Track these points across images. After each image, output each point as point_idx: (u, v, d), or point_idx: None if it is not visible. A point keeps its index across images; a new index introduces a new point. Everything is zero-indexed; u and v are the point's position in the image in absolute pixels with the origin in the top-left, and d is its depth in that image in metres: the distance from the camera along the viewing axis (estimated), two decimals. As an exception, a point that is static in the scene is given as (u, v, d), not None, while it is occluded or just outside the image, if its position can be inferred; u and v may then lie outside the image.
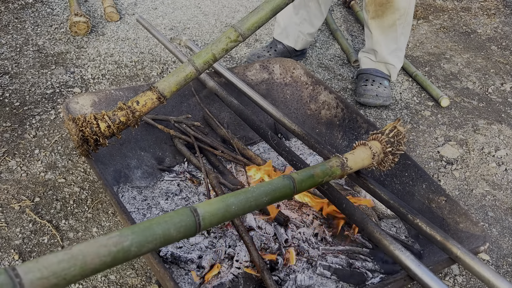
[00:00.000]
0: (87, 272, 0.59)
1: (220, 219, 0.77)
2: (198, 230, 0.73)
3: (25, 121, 1.56)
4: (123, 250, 0.63)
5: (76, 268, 0.58)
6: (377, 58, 1.89)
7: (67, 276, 0.57)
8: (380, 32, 1.81)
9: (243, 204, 0.80)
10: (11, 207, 1.25)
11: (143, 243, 0.65)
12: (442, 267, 0.96)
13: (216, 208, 0.76)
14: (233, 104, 1.38)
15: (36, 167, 1.38)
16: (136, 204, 1.23)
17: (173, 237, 0.70)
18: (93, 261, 0.60)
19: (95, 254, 0.60)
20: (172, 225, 0.70)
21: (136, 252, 0.65)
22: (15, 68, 1.83)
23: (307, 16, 1.97)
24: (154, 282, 1.10)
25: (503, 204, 1.44)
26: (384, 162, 1.06)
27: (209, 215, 0.75)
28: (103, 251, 0.61)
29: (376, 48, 1.86)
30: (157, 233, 0.67)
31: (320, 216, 1.24)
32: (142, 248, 0.65)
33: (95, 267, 0.60)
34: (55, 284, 0.56)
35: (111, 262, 0.62)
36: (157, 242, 0.67)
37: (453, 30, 2.62)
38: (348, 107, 1.48)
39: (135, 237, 0.65)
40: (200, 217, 0.73)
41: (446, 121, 1.83)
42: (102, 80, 1.83)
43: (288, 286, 1.04)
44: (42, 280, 0.55)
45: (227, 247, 1.12)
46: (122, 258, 0.63)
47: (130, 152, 1.35)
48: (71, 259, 0.58)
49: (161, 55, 2.03)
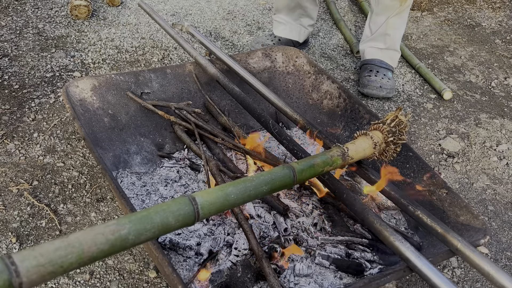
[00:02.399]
0: (84, 260, 0.58)
1: (219, 208, 0.76)
2: (196, 219, 0.72)
3: (24, 104, 1.54)
4: (120, 239, 0.62)
5: (73, 256, 0.57)
6: (386, 44, 1.86)
7: (64, 264, 0.56)
8: (398, 15, 1.79)
9: (242, 193, 0.79)
10: (9, 190, 1.24)
11: (141, 231, 0.65)
12: (442, 259, 0.96)
13: (215, 197, 0.75)
14: (234, 92, 1.36)
15: (35, 151, 1.37)
16: (135, 190, 1.23)
17: (172, 226, 0.69)
18: (90, 249, 0.59)
19: (92, 242, 0.59)
20: (170, 213, 0.69)
21: (134, 241, 0.64)
22: (15, 50, 1.80)
23: (304, 12, 1.97)
24: (152, 268, 1.09)
25: (503, 198, 1.44)
26: (386, 152, 1.05)
27: (208, 204, 0.74)
28: (101, 239, 0.60)
29: (390, 32, 1.83)
30: (155, 222, 0.66)
31: (320, 206, 1.24)
32: (140, 237, 0.65)
33: (92, 255, 0.59)
34: (51, 272, 0.55)
35: (108, 250, 0.61)
36: (155, 231, 0.66)
37: (457, 23, 2.59)
38: (350, 97, 1.47)
39: (133, 225, 0.64)
40: (199, 206, 0.72)
41: (448, 114, 1.82)
42: (102, 64, 1.81)
43: (286, 275, 1.04)
44: (39, 267, 0.54)
45: (226, 234, 1.12)
46: (119, 247, 0.62)
47: (130, 137, 1.34)
48: (67, 246, 0.57)
49: (162, 41, 2.01)
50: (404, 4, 1.77)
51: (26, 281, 0.52)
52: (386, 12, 1.81)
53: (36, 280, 0.53)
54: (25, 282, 0.52)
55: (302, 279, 1.03)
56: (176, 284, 0.80)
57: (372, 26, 1.89)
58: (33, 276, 0.53)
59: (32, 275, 0.53)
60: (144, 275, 1.08)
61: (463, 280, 1.16)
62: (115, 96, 1.36)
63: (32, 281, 0.53)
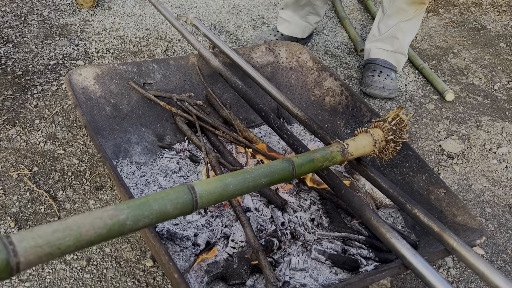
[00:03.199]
0: (82, 243, 0.59)
1: (218, 198, 0.77)
2: (194, 208, 0.73)
3: (27, 90, 1.55)
4: (118, 223, 0.62)
5: (71, 239, 0.57)
6: (394, 47, 1.85)
7: (62, 246, 0.57)
8: (410, 20, 1.78)
9: (241, 184, 0.79)
10: (9, 175, 1.24)
11: (139, 217, 0.65)
12: (438, 257, 0.96)
13: (214, 187, 0.76)
14: (237, 85, 1.36)
15: (36, 137, 1.37)
16: (134, 180, 1.23)
17: (170, 214, 0.69)
18: (88, 232, 0.59)
19: (90, 226, 0.60)
20: (168, 201, 0.69)
21: (131, 226, 0.64)
22: (19, 37, 1.81)
23: (313, 9, 1.97)
24: (149, 257, 1.10)
25: (501, 201, 1.44)
26: (386, 150, 1.05)
27: (207, 193, 0.74)
28: (99, 223, 0.61)
29: (400, 36, 1.82)
30: (153, 209, 0.67)
31: (318, 202, 1.24)
32: (138, 223, 0.65)
33: (90, 239, 0.59)
34: (49, 253, 0.55)
35: (106, 234, 0.61)
36: (153, 217, 0.67)
37: (462, 25, 2.59)
38: (352, 95, 1.47)
39: (131, 211, 0.64)
40: (198, 195, 0.72)
41: (449, 116, 1.82)
42: (106, 54, 1.81)
43: (282, 268, 1.04)
44: (36, 248, 0.54)
45: (223, 226, 1.12)
46: (117, 232, 0.62)
47: (131, 127, 1.34)
48: (65, 229, 0.58)
49: (166, 32, 2.01)
50: (420, 10, 1.76)
51: (24, 261, 0.52)
52: (399, 15, 1.79)
53: (34, 261, 0.54)
54: (23, 262, 0.52)
55: (297, 273, 1.04)
56: (172, 273, 0.81)
57: (382, 27, 1.87)
58: (31, 256, 0.53)
59: (29, 255, 0.53)
60: (140, 264, 1.08)
61: (457, 280, 1.17)
62: (118, 86, 1.36)
63: (29, 261, 0.53)
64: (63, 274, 1.03)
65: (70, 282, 1.02)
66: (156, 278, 1.06)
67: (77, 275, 1.03)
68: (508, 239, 1.31)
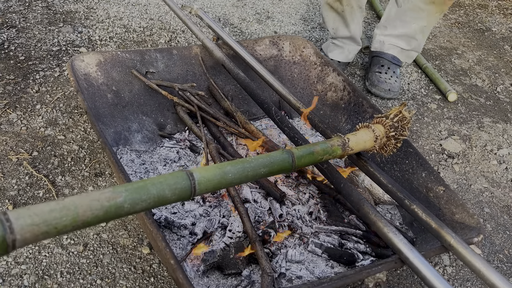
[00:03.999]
0: (79, 224, 0.59)
1: (216, 185, 0.76)
2: (192, 194, 0.72)
3: (29, 75, 1.54)
4: (115, 206, 0.62)
5: (68, 219, 0.57)
6: (411, 46, 1.82)
7: (58, 225, 0.56)
8: (430, 21, 1.74)
9: (240, 173, 0.79)
10: (8, 159, 1.24)
11: (137, 201, 0.65)
12: (434, 253, 0.96)
13: (213, 174, 0.75)
14: (239, 77, 1.36)
15: (37, 122, 1.37)
16: (134, 167, 1.23)
17: (168, 198, 0.69)
18: (85, 213, 0.59)
19: (87, 207, 0.59)
20: (167, 186, 0.69)
21: (129, 209, 0.64)
22: (23, 22, 1.80)
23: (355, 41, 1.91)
24: (146, 244, 1.10)
25: (500, 202, 1.44)
26: (386, 147, 1.04)
27: (205, 180, 0.74)
28: (96, 204, 0.60)
29: (419, 37, 1.79)
30: (151, 193, 0.67)
31: (317, 196, 1.24)
32: (136, 206, 0.65)
33: (86, 220, 0.59)
34: (45, 232, 0.55)
35: (103, 216, 0.61)
36: (150, 201, 0.66)
37: (467, 26, 2.58)
38: (355, 91, 1.47)
39: (129, 194, 0.64)
40: (196, 181, 0.72)
41: (451, 116, 1.82)
42: (109, 42, 1.80)
43: (279, 260, 1.04)
44: (33, 226, 0.54)
45: (221, 216, 1.12)
46: (114, 214, 0.62)
47: (132, 115, 1.34)
48: (63, 209, 0.57)
49: (170, 23, 2.00)
50: (440, 13, 1.72)
51: (20, 239, 0.52)
52: (415, 13, 1.73)
53: (30, 239, 0.54)
54: (19, 240, 0.52)
55: (293, 265, 1.04)
56: (169, 259, 0.81)
57: (398, 23, 1.79)
58: (27, 234, 0.53)
59: (26, 233, 0.53)
60: (137, 251, 1.08)
61: (453, 278, 1.17)
62: (120, 73, 1.36)
63: (25, 239, 0.53)
64: (59, 258, 1.03)
65: (66, 267, 1.02)
66: (152, 265, 1.06)
67: (73, 260, 1.03)
68: (505, 239, 1.31)
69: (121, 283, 1.01)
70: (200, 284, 0.98)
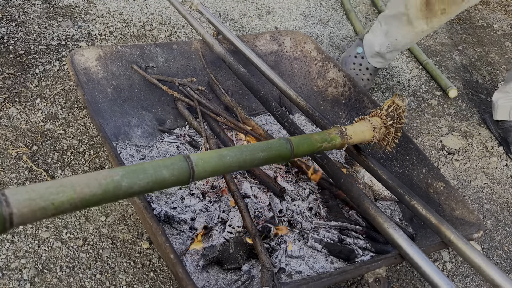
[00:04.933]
0: (76, 202, 0.58)
1: (214, 168, 0.74)
2: (191, 175, 0.71)
3: (29, 70, 1.54)
4: (113, 184, 0.61)
5: (65, 195, 0.56)
6: None
7: (55, 201, 0.56)
8: None
9: (237, 156, 0.78)
10: (8, 153, 1.24)
11: (134, 179, 0.64)
12: (434, 249, 0.96)
13: (209, 156, 0.74)
14: (239, 72, 1.36)
15: (36, 116, 1.37)
16: (133, 162, 1.23)
17: (166, 179, 0.68)
18: (82, 190, 0.58)
19: (84, 185, 0.59)
20: (164, 167, 0.68)
21: (127, 189, 0.63)
22: (22, 16, 1.79)
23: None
24: (145, 239, 1.10)
25: (500, 198, 1.44)
26: (387, 137, 1.03)
27: (203, 162, 0.73)
28: (93, 182, 0.60)
29: None
30: (148, 172, 0.66)
31: (317, 191, 1.24)
32: (133, 186, 0.64)
33: (84, 197, 0.58)
34: (42, 208, 0.54)
35: (101, 195, 0.60)
36: (149, 181, 0.65)
37: (468, 23, 2.57)
38: (355, 87, 1.46)
39: (126, 173, 0.63)
40: (193, 162, 0.71)
41: (452, 112, 1.81)
42: (109, 37, 1.80)
43: (278, 255, 1.04)
44: (30, 201, 0.54)
45: (221, 211, 1.12)
46: (112, 193, 0.61)
47: (131, 110, 1.34)
48: (59, 186, 0.57)
49: (170, 18, 2.00)
50: None
51: (17, 213, 0.52)
52: None
53: (27, 214, 0.53)
54: (16, 214, 0.52)
55: (293, 260, 1.04)
56: (168, 253, 0.81)
57: None
58: (24, 209, 0.52)
59: (23, 208, 0.52)
60: (137, 245, 1.08)
61: (453, 274, 1.17)
62: (120, 68, 1.35)
63: (23, 214, 0.52)
64: (59, 252, 1.03)
65: (66, 261, 1.02)
66: (152, 260, 1.06)
67: (73, 254, 1.03)
68: (505, 236, 1.31)
69: (121, 278, 1.01)
70: (199, 279, 0.98)
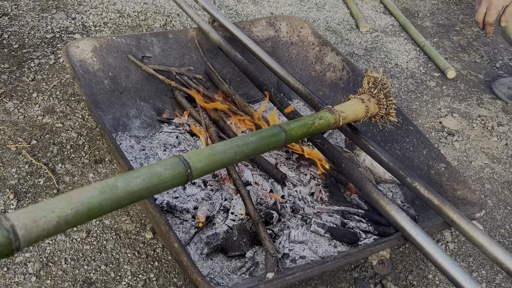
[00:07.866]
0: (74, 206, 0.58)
1: (209, 158, 0.74)
2: (186, 165, 0.71)
3: (24, 64, 1.53)
4: (108, 186, 0.62)
5: (62, 202, 0.57)
6: None
7: (55, 208, 0.56)
8: None
9: (228, 145, 0.78)
10: (7, 148, 1.23)
11: (129, 179, 0.64)
12: (437, 230, 0.96)
13: (202, 150, 0.75)
14: (237, 59, 1.34)
15: (34, 110, 1.36)
16: (133, 153, 1.22)
17: (161, 173, 0.68)
18: (78, 195, 0.59)
19: (80, 191, 0.60)
20: (157, 165, 0.69)
21: (124, 188, 0.63)
22: (15, 10, 1.77)
23: None
24: (148, 229, 1.10)
25: (500, 178, 1.44)
26: (381, 104, 1.01)
27: (195, 154, 0.73)
28: (88, 188, 0.61)
29: None
30: (142, 171, 0.67)
31: (318, 176, 1.24)
32: (130, 184, 0.64)
33: (82, 200, 0.59)
34: (43, 217, 0.55)
35: (98, 196, 0.61)
36: (144, 178, 0.66)
37: (465, 2, 2.55)
38: (354, 70, 1.45)
39: (120, 177, 0.64)
40: (185, 156, 0.71)
41: (450, 93, 1.81)
42: (103, 28, 1.78)
43: (282, 241, 1.05)
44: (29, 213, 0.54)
45: (223, 200, 1.12)
46: (109, 193, 0.61)
47: (129, 101, 1.33)
48: (57, 197, 0.58)
49: (165, 7, 1.97)
50: None
51: (18, 225, 0.52)
52: None
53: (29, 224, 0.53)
54: (17, 225, 0.52)
55: (297, 245, 1.04)
56: (172, 242, 0.81)
57: None
58: (26, 220, 0.53)
59: (24, 218, 0.53)
60: (140, 236, 1.08)
61: (456, 254, 1.18)
62: (116, 59, 1.34)
63: (25, 224, 0.53)
64: (63, 245, 1.03)
65: (70, 253, 1.02)
66: (156, 250, 1.06)
67: (77, 247, 1.04)
68: (506, 215, 1.32)
69: (126, 268, 1.01)
70: (204, 267, 0.98)
